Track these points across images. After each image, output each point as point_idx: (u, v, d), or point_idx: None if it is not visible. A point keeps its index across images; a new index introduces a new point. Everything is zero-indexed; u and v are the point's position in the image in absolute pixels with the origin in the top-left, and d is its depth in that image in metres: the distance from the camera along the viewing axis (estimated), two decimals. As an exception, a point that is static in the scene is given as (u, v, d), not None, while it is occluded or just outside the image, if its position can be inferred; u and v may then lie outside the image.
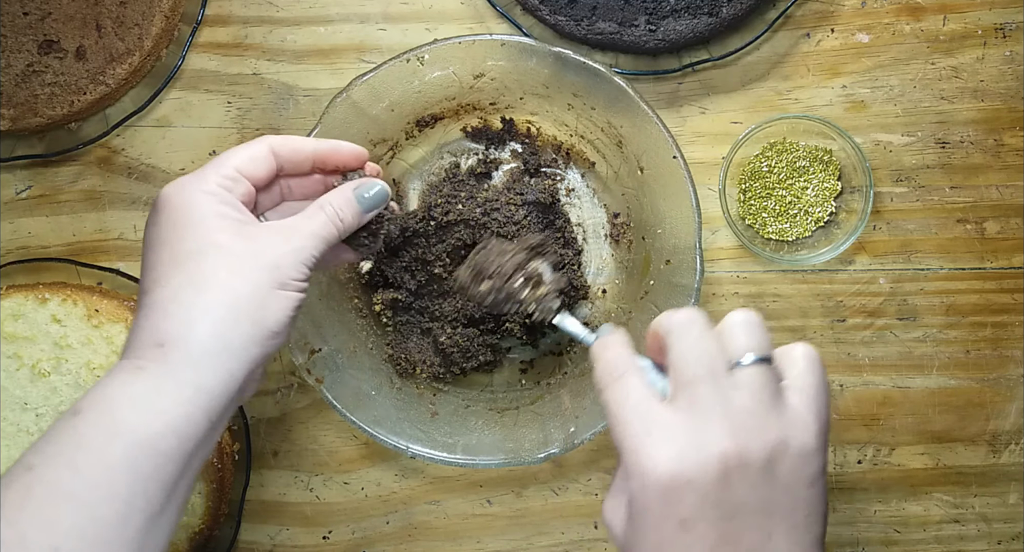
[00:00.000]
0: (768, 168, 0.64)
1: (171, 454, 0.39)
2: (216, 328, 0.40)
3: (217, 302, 0.41)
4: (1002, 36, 0.64)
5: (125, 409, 0.39)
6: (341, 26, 0.65)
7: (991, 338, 0.65)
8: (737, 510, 0.37)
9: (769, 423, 0.38)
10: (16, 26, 0.61)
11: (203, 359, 0.40)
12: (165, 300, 0.41)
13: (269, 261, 0.43)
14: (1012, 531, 0.65)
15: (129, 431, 0.38)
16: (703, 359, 0.38)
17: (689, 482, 0.36)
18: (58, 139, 0.64)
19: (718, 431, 0.37)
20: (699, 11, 0.62)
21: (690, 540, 0.37)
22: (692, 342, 0.39)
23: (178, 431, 0.39)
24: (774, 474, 0.37)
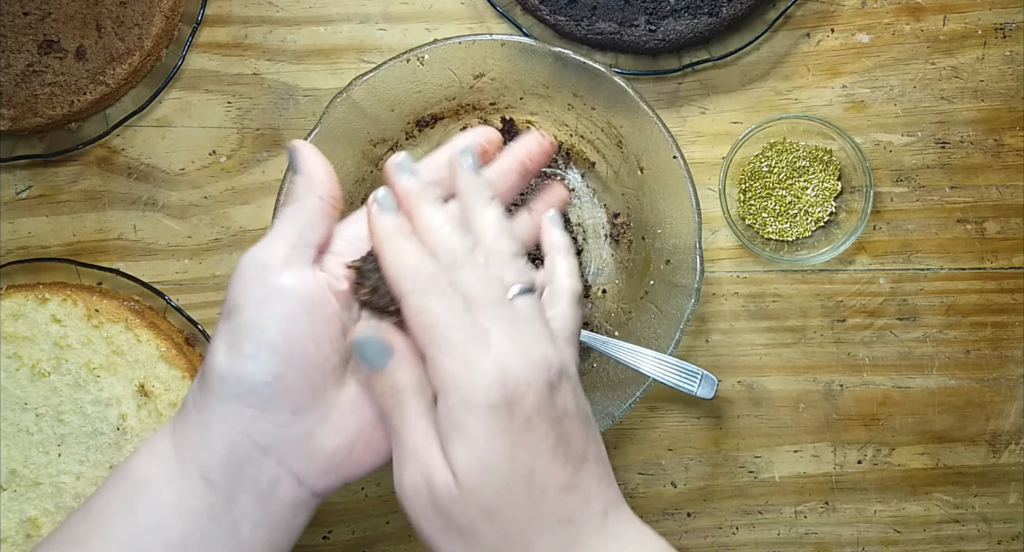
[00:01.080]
0: (768, 168, 0.64)
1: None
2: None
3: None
4: (1002, 36, 0.65)
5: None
6: (341, 26, 0.65)
7: (991, 338, 0.65)
8: (563, 413, 0.38)
9: (560, 346, 0.40)
10: (16, 26, 0.61)
11: None
12: None
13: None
14: (1012, 531, 0.65)
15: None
16: (484, 287, 0.39)
17: (528, 383, 0.37)
18: (58, 139, 0.64)
19: (534, 342, 0.38)
20: (699, 11, 0.62)
21: (535, 439, 0.37)
22: (468, 272, 0.39)
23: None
24: (575, 385, 0.40)
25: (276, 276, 0.39)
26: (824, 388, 0.65)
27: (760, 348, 0.65)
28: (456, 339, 0.37)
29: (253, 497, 0.38)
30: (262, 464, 0.38)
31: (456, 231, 0.40)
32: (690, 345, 0.65)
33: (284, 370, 0.38)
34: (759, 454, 0.65)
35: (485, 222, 0.41)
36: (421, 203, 0.41)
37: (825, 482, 0.65)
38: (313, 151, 0.43)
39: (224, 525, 0.38)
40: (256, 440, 0.38)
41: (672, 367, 0.57)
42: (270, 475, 0.39)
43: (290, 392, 0.38)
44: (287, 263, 0.39)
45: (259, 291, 0.39)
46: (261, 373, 0.38)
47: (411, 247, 0.39)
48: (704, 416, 0.65)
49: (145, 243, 0.65)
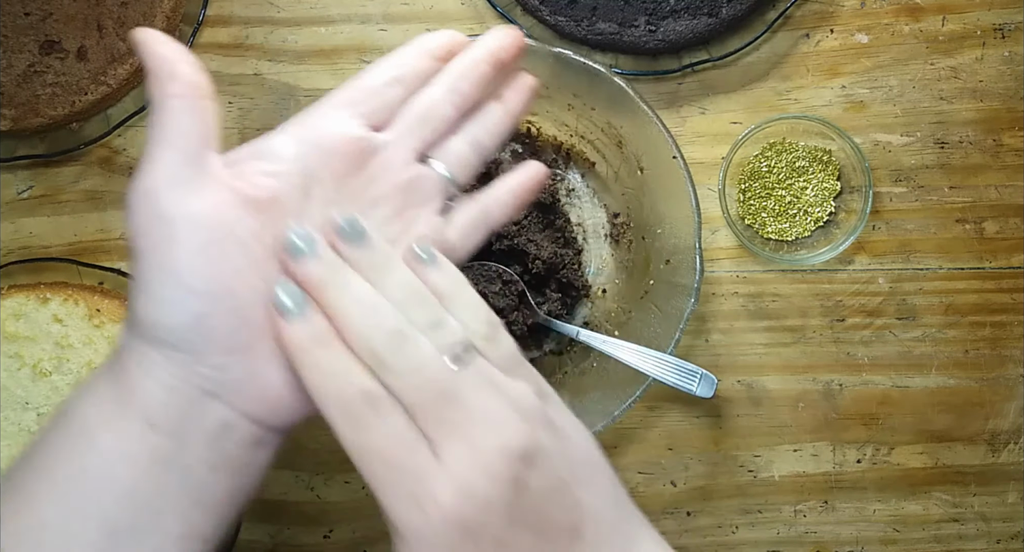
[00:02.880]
0: (768, 168, 0.64)
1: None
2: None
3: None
4: (1001, 36, 0.65)
5: None
6: (342, 27, 0.65)
7: (990, 338, 0.65)
8: (541, 496, 0.34)
9: (521, 403, 0.35)
10: (17, 26, 0.62)
11: None
12: None
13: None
14: (1011, 530, 0.65)
15: None
16: (422, 383, 0.34)
17: (493, 495, 0.33)
18: (59, 139, 0.64)
19: (493, 425, 0.33)
20: (699, 12, 0.62)
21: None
22: (405, 362, 0.34)
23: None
24: (550, 443, 0.35)
25: (168, 205, 0.34)
26: (823, 387, 0.65)
27: (760, 347, 0.65)
28: (400, 476, 0.33)
29: (203, 440, 0.35)
30: (207, 407, 0.35)
31: (381, 315, 0.34)
32: (690, 344, 0.65)
33: (208, 310, 0.34)
34: (759, 453, 0.65)
35: (395, 293, 0.35)
36: (329, 290, 0.35)
37: (824, 481, 0.65)
38: (159, 36, 0.36)
39: (175, 470, 0.35)
40: (196, 383, 0.34)
41: (672, 366, 0.57)
42: (218, 417, 0.35)
43: (220, 333, 0.34)
44: (177, 183, 0.34)
45: (156, 227, 0.34)
46: (180, 315, 0.34)
47: (329, 361, 0.34)
48: (704, 415, 0.65)
49: (146, 243, 0.65)
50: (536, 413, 0.35)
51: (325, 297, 0.35)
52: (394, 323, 0.34)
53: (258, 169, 0.37)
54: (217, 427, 0.35)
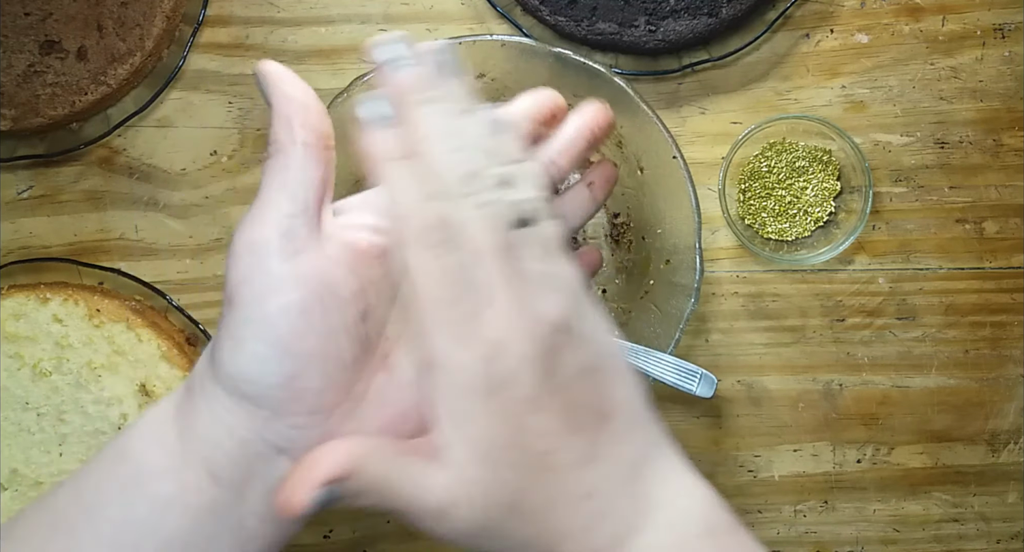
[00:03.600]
0: (768, 168, 0.64)
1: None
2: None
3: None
4: (1001, 37, 0.65)
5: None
6: (342, 27, 0.65)
7: (990, 338, 0.65)
8: (572, 376, 0.33)
9: (561, 282, 0.34)
10: (17, 26, 0.62)
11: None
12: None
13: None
14: (1011, 530, 0.65)
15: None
16: (485, 229, 0.32)
17: (526, 357, 0.32)
18: (59, 139, 0.64)
19: (535, 294, 0.32)
20: (699, 12, 0.62)
21: (542, 419, 0.32)
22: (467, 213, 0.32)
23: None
24: (585, 329, 0.34)
25: (277, 259, 0.33)
26: (823, 387, 0.65)
27: (759, 347, 0.65)
28: (443, 312, 0.32)
29: (262, 494, 0.34)
30: (275, 463, 0.34)
31: (464, 152, 0.33)
32: (690, 344, 0.65)
33: (297, 370, 0.33)
34: (758, 453, 0.65)
35: (475, 138, 0.33)
36: (418, 109, 0.33)
37: (824, 481, 0.65)
38: (288, 75, 0.36)
39: (228, 522, 0.34)
40: (269, 440, 0.34)
41: (671, 366, 0.57)
42: (282, 473, 0.34)
43: (307, 394, 0.34)
44: (287, 238, 0.33)
45: (259, 280, 0.33)
46: (271, 375, 0.33)
47: (411, 178, 0.33)
48: (703, 415, 0.65)
49: (146, 243, 0.65)
50: (576, 296, 0.33)
51: (412, 116, 0.33)
52: (474, 165, 0.32)
53: (368, 223, 0.36)
54: (278, 482, 0.34)
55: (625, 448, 0.33)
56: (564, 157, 0.40)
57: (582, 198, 0.43)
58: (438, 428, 0.32)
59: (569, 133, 0.40)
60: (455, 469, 0.32)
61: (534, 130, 0.39)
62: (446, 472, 0.32)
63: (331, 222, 0.35)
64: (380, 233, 0.36)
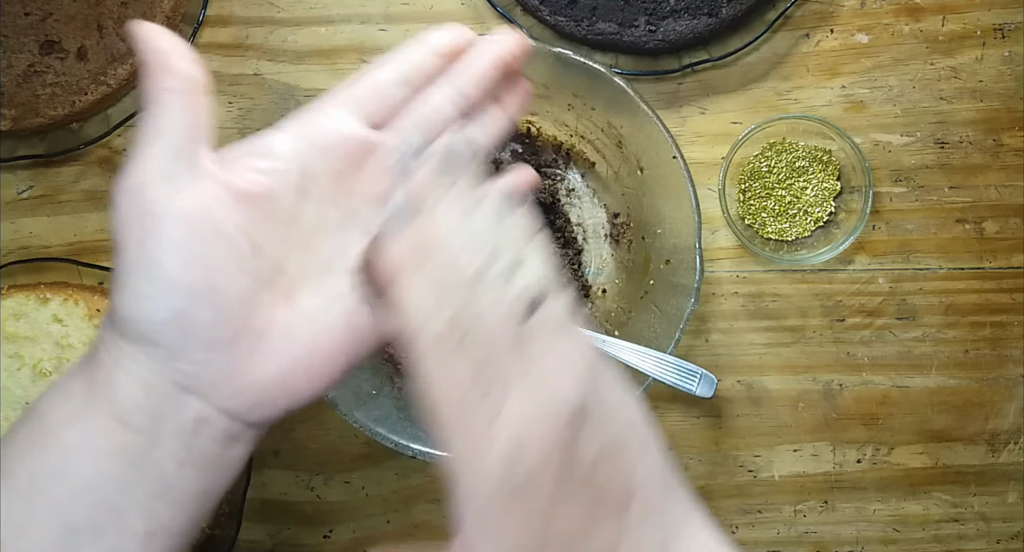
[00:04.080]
0: (768, 168, 0.64)
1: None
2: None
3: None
4: (1001, 37, 0.65)
5: None
6: (342, 27, 0.65)
7: (990, 338, 0.65)
8: (594, 458, 0.33)
9: (576, 360, 0.33)
10: (17, 26, 0.62)
11: None
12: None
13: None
14: (1011, 530, 0.65)
15: None
16: (497, 323, 0.33)
17: (547, 448, 0.31)
18: (60, 139, 0.64)
19: (550, 379, 0.32)
20: (699, 12, 0.62)
21: (566, 512, 0.32)
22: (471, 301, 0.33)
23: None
24: (603, 401, 0.33)
25: (153, 201, 0.33)
26: (823, 387, 0.65)
27: (759, 347, 0.65)
28: (462, 419, 0.32)
29: (175, 435, 0.34)
30: (183, 402, 0.34)
31: (474, 249, 0.33)
32: (690, 344, 0.65)
33: (184, 305, 0.33)
34: (759, 453, 0.65)
35: (481, 228, 0.34)
36: (433, 211, 0.34)
37: (824, 481, 0.65)
38: (155, 30, 0.35)
39: (143, 466, 0.34)
40: (172, 379, 0.34)
41: (672, 366, 0.57)
42: (193, 413, 0.34)
43: (200, 328, 0.34)
44: (162, 180, 0.34)
45: (138, 222, 0.33)
46: (159, 311, 0.33)
47: (425, 287, 0.33)
48: (704, 415, 0.65)
49: (146, 243, 0.65)
50: (592, 373, 0.33)
51: (423, 223, 0.34)
52: (484, 259, 0.33)
53: (253, 165, 0.36)
54: (191, 423, 0.34)
55: (652, 528, 0.33)
56: (472, 86, 0.40)
57: (492, 115, 0.42)
58: (464, 532, 0.32)
59: (480, 62, 0.40)
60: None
61: (439, 65, 0.40)
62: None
63: (210, 166, 0.35)
64: (263, 173, 0.36)
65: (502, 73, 0.40)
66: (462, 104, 0.40)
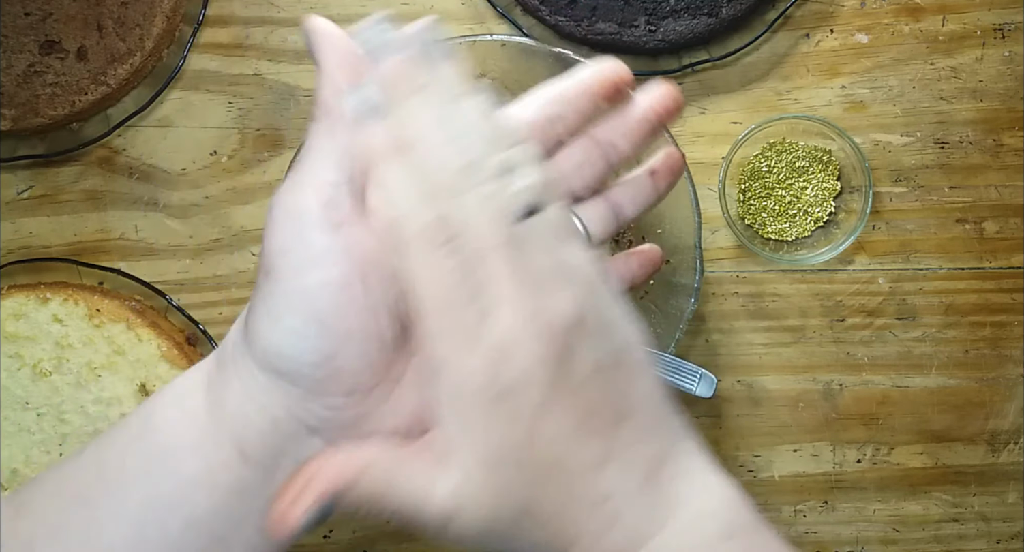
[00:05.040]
0: (768, 168, 0.64)
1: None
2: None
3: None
4: (1001, 37, 0.65)
5: None
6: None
7: (990, 338, 0.65)
8: (586, 375, 0.31)
9: (576, 273, 0.32)
10: (17, 26, 0.62)
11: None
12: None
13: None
14: (1011, 530, 0.66)
15: None
16: (487, 223, 0.30)
17: (537, 358, 0.30)
18: (59, 139, 0.64)
19: (544, 288, 0.31)
20: (699, 12, 0.62)
21: (553, 423, 0.31)
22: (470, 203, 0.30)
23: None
24: (600, 323, 0.32)
25: (318, 230, 0.31)
26: (823, 387, 0.65)
27: (759, 347, 0.65)
28: (449, 317, 0.30)
29: (290, 471, 0.33)
30: (307, 443, 0.33)
31: (459, 144, 0.31)
32: (689, 344, 0.65)
33: (336, 349, 0.31)
34: (758, 453, 0.65)
35: (467, 121, 0.31)
36: (404, 97, 0.31)
37: (824, 481, 0.65)
38: (338, 33, 0.34)
39: (257, 503, 0.33)
40: (302, 420, 0.32)
41: (671, 366, 0.57)
42: (313, 452, 0.33)
43: (344, 374, 0.32)
44: (329, 207, 0.31)
45: (299, 250, 0.31)
46: (309, 353, 0.31)
47: (406, 178, 0.31)
48: (703, 415, 0.65)
49: (146, 243, 0.65)
50: (589, 287, 0.32)
51: (403, 107, 0.31)
52: (472, 155, 0.31)
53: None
54: (307, 460, 0.33)
55: (643, 447, 0.32)
56: (625, 140, 0.38)
57: (643, 187, 0.40)
58: (442, 432, 0.31)
59: (634, 114, 0.37)
60: (461, 474, 0.31)
61: (594, 106, 0.37)
62: (452, 477, 0.31)
63: (374, 195, 0.33)
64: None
65: (655, 131, 0.38)
66: (614, 158, 0.38)
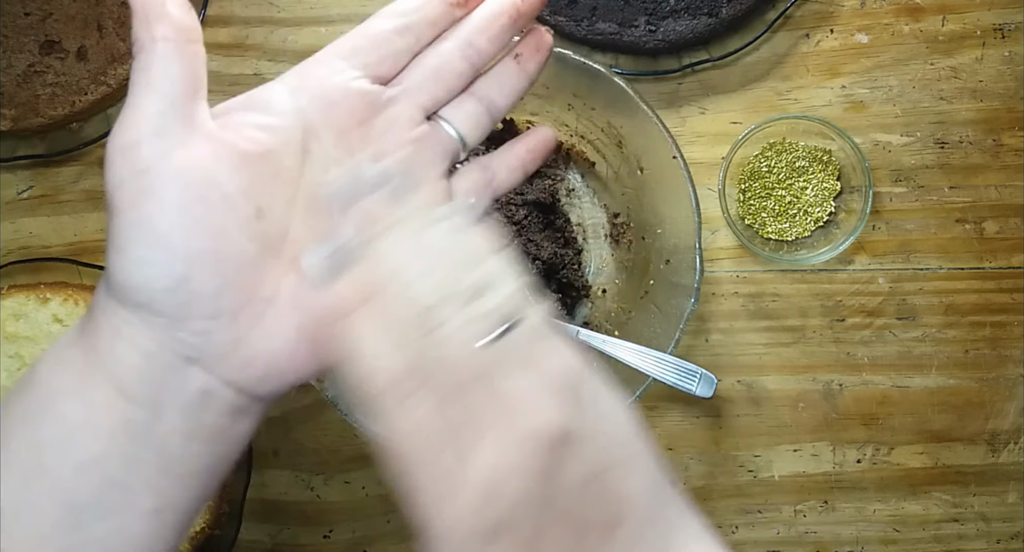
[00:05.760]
0: (768, 168, 0.64)
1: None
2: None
3: None
4: (1001, 37, 0.65)
5: None
6: (342, 27, 0.65)
7: (990, 338, 0.65)
8: (577, 485, 0.30)
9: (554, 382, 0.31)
10: (17, 26, 0.62)
11: None
12: None
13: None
14: (1011, 530, 0.65)
15: None
16: (460, 354, 0.30)
17: (525, 489, 0.29)
18: (59, 139, 0.64)
19: (524, 411, 0.30)
20: (699, 12, 0.62)
21: (551, 546, 0.30)
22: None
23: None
24: (584, 425, 0.31)
25: (149, 158, 0.31)
26: (823, 387, 0.65)
27: (759, 347, 0.65)
28: (429, 467, 0.30)
29: (181, 409, 0.32)
30: (187, 374, 0.32)
31: (416, 288, 0.31)
32: (689, 344, 0.65)
33: (186, 272, 0.31)
34: (758, 453, 0.65)
35: (429, 257, 0.31)
36: (379, 238, 0.32)
37: (824, 481, 0.65)
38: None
39: (149, 442, 0.32)
40: (175, 350, 0.32)
41: (671, 366, 0.57)
42: (198, 385, 0.32)
43: (203, 296, 0.32)
44: (158, 136, 0.31)
45: (133, 181, 0.31)
46: (160, 279, 0.31)
47: (371, 327, 0.31)
48: (704, 415, 0.65)
49: (146, 243, 0.65)
50: (570, 392, 0.31)
51: (374, 254, 0.32)
52: (442, 287, 0.31)
53: (251, 121, 0.34)
54: (196, 396, 0.33)
55: (644, 544, 0.31)
56: (483, 36, 0.37)
57: (510, 73, 0.39)
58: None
59: (490, 10, 0.37)
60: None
61: (444, 11, 0.37)
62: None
63: (208, 122, 0.33)
64: (263, 130, 0.34)
65: (516, 22, 0.37)
66: (474, 58, 0.37)
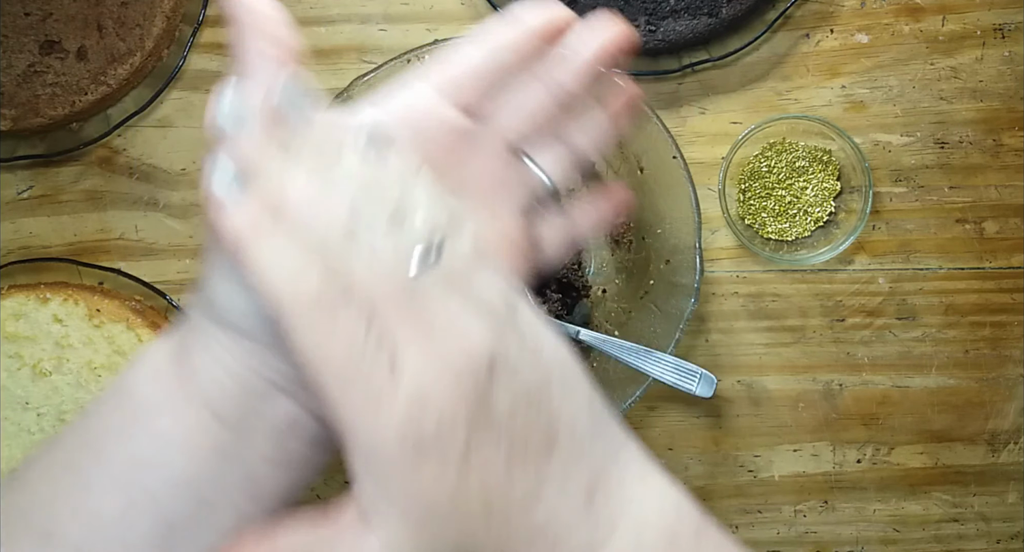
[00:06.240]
0: (768, 168, 0.64)
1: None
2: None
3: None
4: (1001, 37, 0.65)
5: None
6: (342, 27, 0.65)
7: (990, 338, 0.65)
8: (510, 406, 0.30)
9: (488, 306, 0.31)
10: (17, 26, 0.62)
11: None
12: None
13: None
14: (1011, 530, 0.65)
15: None
16: (381, 275, 0.30)
17: (455, 399, 0.29)
18: (59, 139, 0.64)
19: (454, 331, 0.29)
20: (699, 12, 0.62)
21: (480, 462, 0.29)
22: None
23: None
24: (517, 352, 0.30)
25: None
26: (823, 387, 0.65)
27: (759, 347, 0.65)
28: (355, 386, 0.29)
29: (268, 437, 0.32)
30: (274, 402, 0.32)
31: (330, 212, 0.30)
32: (689, 344, 0.65)
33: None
34: (758, 453, 0.65)
35: (346, 183, 0.30)
36: (269, 177, 0.30)
37: (824, 481, 0.65)
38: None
39: (236, 465, 0.32)
40: (266, 376, 0.32)
41: (671, 366, 0.57)
42: (286, 414, 0.33)
43: None
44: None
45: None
46: (257, 304, 0.31)
47: (278, 253, 0.30)
48: (704, 415, 0.65)
49: (146, 243, 0.65)
50: (503, 319, 0.30)
51: (265, 187, 0.30)
52: (345, 221, 0.30)
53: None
54: (282, 423, 0.33)
55: (578, 469, 0.31)
56: (573, 78, 0.36)
57: (600, 125, 0.38)
58: (361, 498, 0.30)
59: (584, 55, 0.36)
60: (386, 535, 0.30)
61: (536, 49, 0.36)
62: (378, 538, 0.30)
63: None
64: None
65: (606, 67, 0.37)
66: (565, 101, 0.36)
